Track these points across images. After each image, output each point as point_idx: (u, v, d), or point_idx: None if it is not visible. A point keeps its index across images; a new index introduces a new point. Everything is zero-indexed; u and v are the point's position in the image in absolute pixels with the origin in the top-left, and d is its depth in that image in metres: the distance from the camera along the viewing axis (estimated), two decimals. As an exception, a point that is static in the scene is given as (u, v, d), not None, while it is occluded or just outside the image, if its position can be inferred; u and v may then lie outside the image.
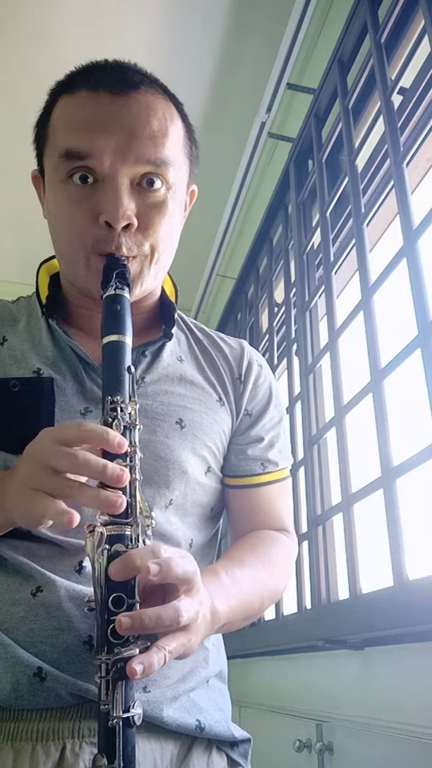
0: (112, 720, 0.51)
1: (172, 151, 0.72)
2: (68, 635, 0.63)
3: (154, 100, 0.72)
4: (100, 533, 0.55)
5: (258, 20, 2.01)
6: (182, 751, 0.67)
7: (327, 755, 1.26)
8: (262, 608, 0.75)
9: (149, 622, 0.52)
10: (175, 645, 0.54)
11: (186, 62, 2.15)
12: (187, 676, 0.69)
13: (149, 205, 0.71)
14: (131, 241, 0.70)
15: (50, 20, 2.02)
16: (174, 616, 0.53)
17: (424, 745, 0.99)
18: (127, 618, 0.51)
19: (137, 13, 2.01)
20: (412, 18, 1.39)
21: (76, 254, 0.72)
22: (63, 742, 0.60)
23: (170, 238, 0.75)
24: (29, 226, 2.72)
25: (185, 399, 0.79)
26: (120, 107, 0.69)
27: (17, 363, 0.75)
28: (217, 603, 0.64)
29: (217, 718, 0.70)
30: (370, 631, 1.19)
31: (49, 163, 0.73)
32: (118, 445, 0.57)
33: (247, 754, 0.74)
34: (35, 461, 0.56)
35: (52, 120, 0.73)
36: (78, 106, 0.70)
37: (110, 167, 0.68)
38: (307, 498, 1.58)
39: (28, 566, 0.66)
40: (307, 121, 1.85)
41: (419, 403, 1.10)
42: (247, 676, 1.99)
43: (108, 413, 0.60)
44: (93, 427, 0.57)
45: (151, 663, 0.51)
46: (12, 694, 0.60)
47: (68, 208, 0.70)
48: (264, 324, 2.31)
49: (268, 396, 0.88)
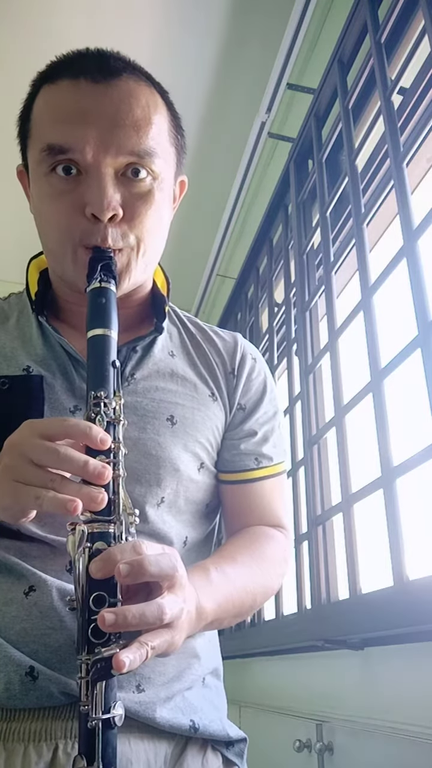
0: (92, 721, 0.50)
1: (157, 141, 0.70)
2: (60, 634, 0.62)
3: (137, 87, 0.70)
4: (82, 531, 0.54)
5: (258, 20, 2.01)
6: (176, 751, 0.67)
7: (327, 755, 1.26)
8: (254, 606, 0.74)
9: (132, 619, 0.51)
10: (159, 642, 0.53)
11: (186, 62, 2.15)
12: (182, 674, 0.69)
13: (135, 196, 0.69)
14: (117, 233, 0.68)
15: (50, 21, 2.02)
16: (157, 614, 0.52)
17: (424, 745, 0.99)
18: (110, 614, 0.50)
19: (137, 14, 2.01)
20: (412, 18, 1.39)
21: (63, 248, 0.70)
22: (55, 743, 0.60)
23: (158, 229, 0.73)
24: (29, 226, 2.72)
25: (176, 395, 0.78)
26: (101, 96, 0.67)
27: (7, 361, 0.74)
28: (203, 600, 0.63)
29: (212, 717, 0.70)
30: (370, 631, 1.19)
31: (33, 157, 0.71)
32: (101, 441, 0.56)
33: (242, 753, 0.74)
34: (17, 453, 0.56)
35: (34, 113, 0.72)
36: (59, 96, 0.69)
37: (93, 158, 0.66)
38: (307, 498, 1.58)
39: (20, 566, 0.66)
40: (307, 121, 1.85)
41: (419, 403, 1.10)
42: (247, 676, 1.99)
43: (91, 408, 0.59)
44: (76, 422, 0.57)
45: (135, 659, 0.50)
46: (4, 694, 0.60)
47: (53, 202, 0.69)
48: (264, 324, 2.31)
49: (262, 389, 0.86)
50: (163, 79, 0.76)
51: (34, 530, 0.67)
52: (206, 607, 0.63)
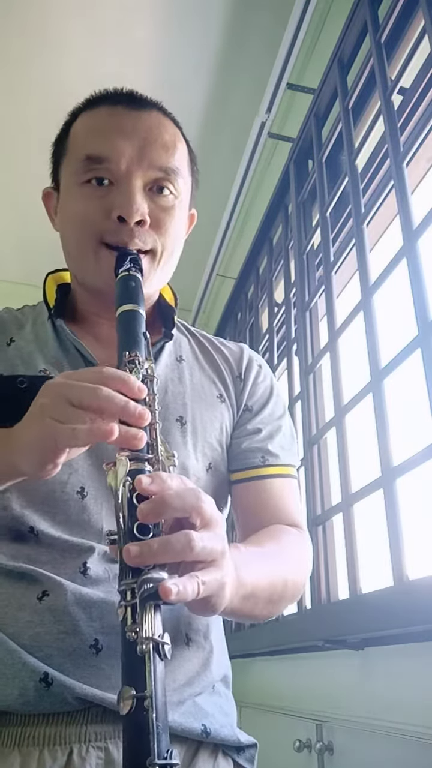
0: (142, 644, 0.46)
1: (181, 163, 0.78)
2: (74, 639, 0.63)
3: (165, 120, 0.79)
4: (124, 465, 0.53)
5: (258, 20, 2.01)
6: (188, 755, 0.67)
7: (327, 755, 1.26)
8: (284, 594, 0.72)
9: (159, 548, 0.49)
10: (209, 578, 0.51)
11: (186, 62, 2.15)
12: (193, 680, 0.69)
13: (160, 208, 0.75)
14: (145, 236, 0.74)
15: (51, 21, 2.02)
16: (185, 542, 0.50)
17: (424, 745, 0.99)
18: (135, 546, 0.49)
19: (137, 14, 2.01)
20: (412, 18, 1.39)
21: (86, 246, 0.75)
22: (70, 747, 0.60)
23: (177, 242, 0.79)
24: (29, 226, 2.72)
25: (185, 396, 0.80)
26: (136, 119, 0.76)
27: (24, 363, 0.77)
28: (240, 570, 0.61)
29: (223, 722, 0.70)
30: (370, 631, 1.19)
31: (68, 170, 0.77)
32: (139, 390, 0.56)
33: (253, 759, 0.74)
34: (56, 394, 0.55)
35: (72, 133, 0.79)
36: (98, 117, 0.77)
37: (126, 169, 0.73)
38: (307, 498, 1.58)
39: (33, 571, 0.66)
40: (307, 121, 1.85)
41: (419, 403, 1.10)
42: (248, 676, 1.99)
43: (126, 365, 0.60)
44: (114, 371, 0.56)
45: (185, 588, 0.48)
46: (19, 700, 0.60)
47: (81, 205, 0.74)
48: (264, 324, 2.31)
49: (269, 393, 0.89)
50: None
51: (47, 531, 0.68)
52: (243, 575, 0.61)
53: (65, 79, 2.15)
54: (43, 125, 2.23)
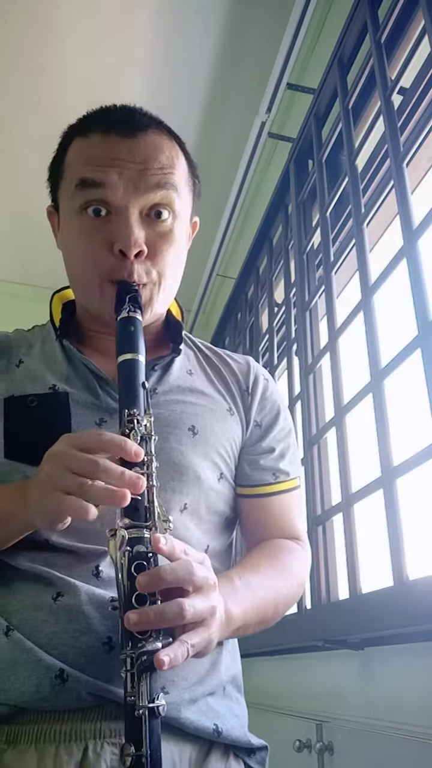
0: (139, 710, 0.53)
1: (179, 181, 0.78)
2: (89, 637, 0.65)
3: (161, 140, 0.78)
4: (122, 535, 0.58)
5: (258, 20, 2.01)
6: (200, 755, 0.69)
7: (327, 755, 1.26)
8: (276, 615, 0.77)
9: (154, 616, 0.55)
10: (197, 639, 0.58)
11: (186, 62, 2.15)
12: (204, 679, 0.70)
13: (158, 234, 0.76)
14: (142, 269, 0.76)
15: (51, 20, 2.02)
16: (177, 611, 0.56)
17: (424, 745, 0.99)
18: (134, 614, 0.55)
19: (137, 14, 2.01)
20: (412, 18, 1.39)
21: (91, 282, 0.77)
22: (85, 743, 0.62)
23: (176, 265, 0.81)
24: (29, 226, 2.72)
25: (196, 407, 0.82)
26: (130, 147, 0.76)
27: (34, 381, 0.80)
28: (230, 605, 0.66)
29: (234, 724, 0.72)
30: (370, 631, 1.19)
31: (65, 195, 0.78)
32: (135, 454, 0.61)
33: (264, 761, 0.76)
34: (58, 464, 0.60)
35: (67, 158, 0.79)
36: (91, 146, 0.77)
37: (122, 198, 0.74)
38: (307, 498, 1.58)
39: (49, 573, 0.69)
40: (307, 121, 1.85)
41: (419, 403, 1.10)
42: (247, 676, 1.98)
43: (125, 425, 0.64)
44: (112, 437, 0.61)
45: (176, 655, 0.54)
46: (35, 696, 0.62)
47: (83, 240, 0.76)
48: (264, 324, 2.31)
49: (277, 408, 0.91)
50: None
51: (60, 540, 0.71)
52: (234, 611, 0.67)
53: (65, 75, 2.14)
54: (41, 123, 2.24)
